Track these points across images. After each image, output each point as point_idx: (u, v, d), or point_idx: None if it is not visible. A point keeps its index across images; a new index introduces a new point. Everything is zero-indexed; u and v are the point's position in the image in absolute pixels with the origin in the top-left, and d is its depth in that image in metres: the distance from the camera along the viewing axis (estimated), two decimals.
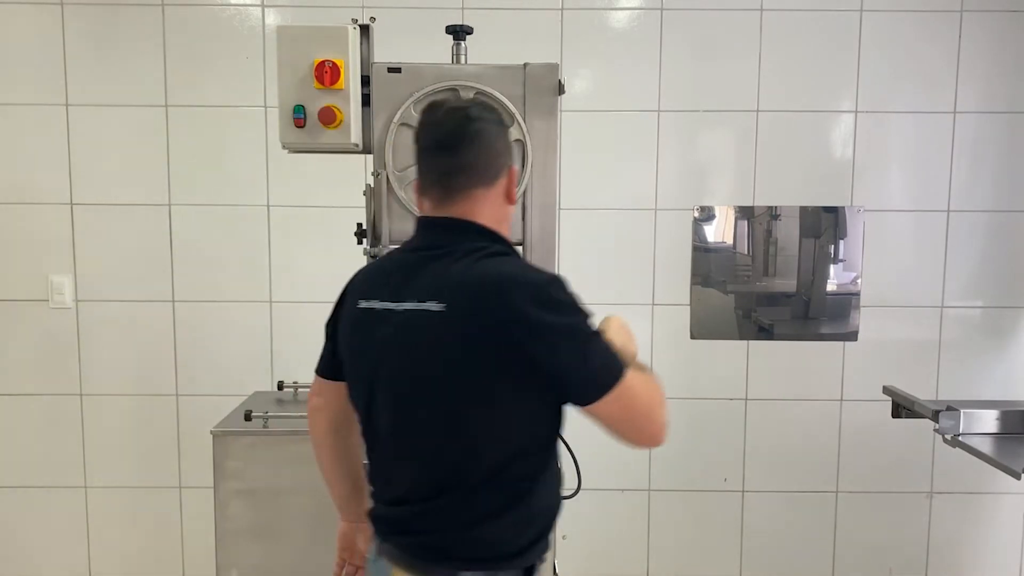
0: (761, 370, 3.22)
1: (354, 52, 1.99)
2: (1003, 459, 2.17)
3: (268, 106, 3.06)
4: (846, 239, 3.20)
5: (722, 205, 3.19)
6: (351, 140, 2.00)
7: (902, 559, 3.33)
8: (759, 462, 3.28)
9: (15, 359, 3.20)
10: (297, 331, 3.18)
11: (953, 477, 3.26)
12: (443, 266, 1.40)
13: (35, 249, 3.15)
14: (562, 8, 3.09)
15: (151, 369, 3.19)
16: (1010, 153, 3.18)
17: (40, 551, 3.27)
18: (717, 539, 3.32)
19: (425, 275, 1.41)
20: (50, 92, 3.08)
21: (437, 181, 1.46)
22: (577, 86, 3.02)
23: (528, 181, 1.99)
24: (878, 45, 3.12)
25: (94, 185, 3.13)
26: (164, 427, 3.21)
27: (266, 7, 3.08)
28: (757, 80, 3.13)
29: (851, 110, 3.15)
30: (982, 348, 3.25)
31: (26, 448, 3.23)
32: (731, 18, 3.11)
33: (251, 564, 2.20)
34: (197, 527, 3.20)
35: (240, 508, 2.19)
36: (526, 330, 1.31)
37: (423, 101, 1.98)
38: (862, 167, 3.17)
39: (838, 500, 3.30)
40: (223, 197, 3.14)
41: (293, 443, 2.18)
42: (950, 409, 2.34)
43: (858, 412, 3.23)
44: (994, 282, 3.22)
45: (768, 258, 3.20)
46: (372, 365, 1.45)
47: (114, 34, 3.08)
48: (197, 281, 3.17)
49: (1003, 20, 3.12)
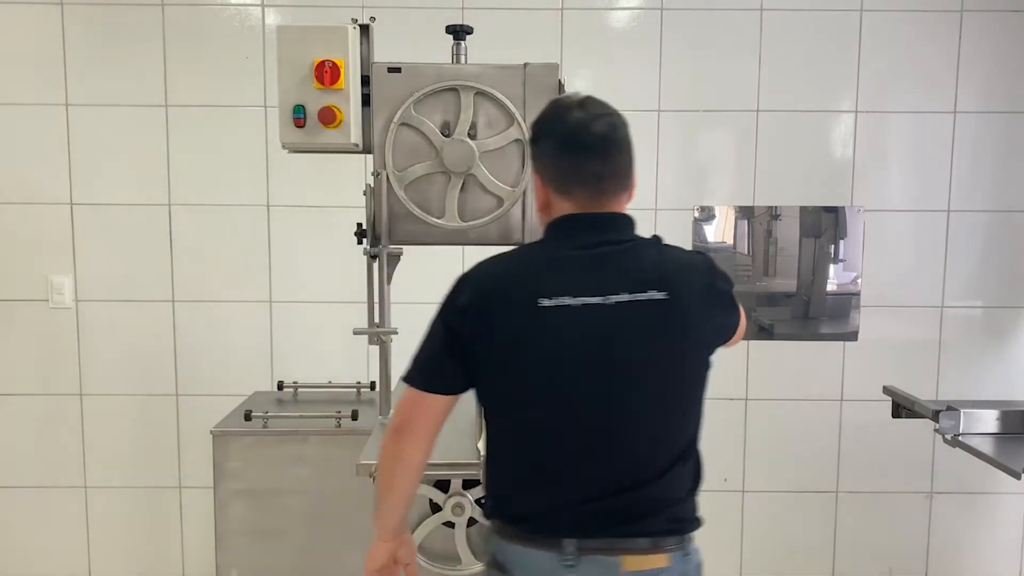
0: (761, 370, 3.22)
1: (354, 52, 1.99)
2: (1003, 459, 2.17)
3: (268, 106, 3.06)
4: (846, 239, 3.20)
5: (722, 205, 3.19)
6: (351, 140, 2.00)
7: (902, 559, 3.33)
8: (759, 462, 3.27)
9: (15, 359, 3.20)
10: (297, 331, 3.18)
11: (953, 477, 3.26)
12: (638, 257, 1.48)
13: (35, 249, 3.15)
14: (562, 8, 3.09)
15: (151, 369, 3.19)
16: (1010, 153, 3.18)
17: (40, 551, 3.27)
18: (717, 539, 3.31)
19: (627, 266, 1.46)
20: (50, 92, 3.08)
21: (585, 182, 1.49)
22: (577, 86, 2.99)
23: (528, 181, 1.99)
24: (878, 45, 3.12)
25: (94, 185, 3.13)
26: (164, 427, 3.21)
27: (266, 7, 3.08)
28: (757, 80, 3.13)
29: (851, 110, 3.15)
30: (982, 348, 3.25)
31: (26, 448, 3.23)
32: (731, 18, 3.11)
33: (251, 564, 2.20)
34: (197, 527, 3.20)
35: (240, 508, 2.19)
36: (722, 304, 1.54)
37: (423, 101, 1.98)
38: (862, 167, 3.17)
39: (838, 500, 3.30)
40: (223, 197, 3.14)
41: (293, 443, 2.18)
42: (950, 409, 2.34)
43: (858, 412, 3.23)
44: (994, 282, 3.22)
45: (768, 258, 3.21)
46: (572, 361, 1.43)
47: (114, 34, 3.08)
48: (197, 281, 3.17)
49: (1003, 20, 3.12)
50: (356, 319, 2.08)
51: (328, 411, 2.20)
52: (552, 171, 1.52)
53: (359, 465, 1.76)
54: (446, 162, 1.98)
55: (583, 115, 1.49)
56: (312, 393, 2.58)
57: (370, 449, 1.87)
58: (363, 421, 2.20)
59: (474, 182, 2.01)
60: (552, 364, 1.43)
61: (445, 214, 2.02)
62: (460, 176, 2.00)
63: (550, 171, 1.52)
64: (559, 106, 1.54)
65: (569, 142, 1.49)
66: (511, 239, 2.04)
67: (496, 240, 2.05)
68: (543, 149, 1.53)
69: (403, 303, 2.26)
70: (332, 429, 2.17)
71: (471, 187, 2.01)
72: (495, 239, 2.05)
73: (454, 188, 2.00)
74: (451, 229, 2.02)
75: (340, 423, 2.18)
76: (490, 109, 1.99)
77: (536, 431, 1.46)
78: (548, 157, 1.52)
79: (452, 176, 2.00)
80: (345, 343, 2.50)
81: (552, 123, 1.52)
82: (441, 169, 2.00)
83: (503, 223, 2.03)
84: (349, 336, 2.07)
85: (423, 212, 2.01)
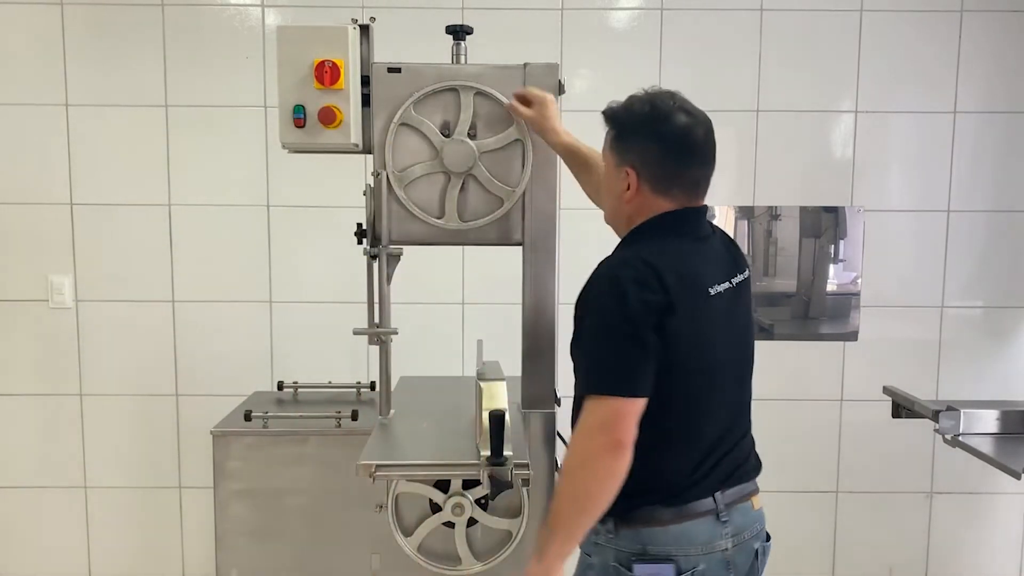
0: (761, 370, 3.20)
1: (354, 52, 1.99)
2: (1003, 459, 2.17)
3: (268, 106, 3.06)
4: (846, 239, 3.20)
5: (722, 205, 3.19)
6: (351, 140, 1.99)
7: (902, 559, 3.33)
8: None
9: (15, 359, 3.20)
10: (297, 331, 3.18)
11: (953, 477, 3.26)
12: (722, 243, 1.71)
13: (35, 249, 3.15)
14: (562, 8, 3.09)
15: (151, 369, 3.19)
16: (1010, 153, 3.18)
17: (40, 551, 3.27)
18: None
19: (723, 252, 1.68)
20: (50, 92, 3.08)
21: (685, 185, 1.61)
22: (577, 86, 3.01)
23: (528, 181, 1.99)
24: (878, 45, 3.12)
25: (94, 185, 3.13)
26: (164, 427, 3.21)
27: (266, 7, 3.08)
28: (757, 80, 3.13)
29: (851, 110, 3.15)
30: (982, 348, 3.25)
31: (26, 448, 3.23)
32: (731, 18, 3.11)
33: (251, 564, 2.20)
34: (197, 527, 3.20)
35: (240, 508, 2.19)
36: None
37: (423, 101, 1.98)
38: (862, 167, 3.17)
39: (838, 500, 3.30)
40: (223, 197, 3.14)
41: (293, 443, 2.17)
42: (950, 409, 2.34)
43: (858, 412, 3.23)
44: (994, 282, 3.22)
45: (768, 258, 3.21)
46: (724, 343, 1.62)
47: (114, 34, 3.08)
48: (197, 281, 3.17)
49: (1003, 20, 3.12)
50: (356, 319, 2.08)
51: (328, 411, 2.20)
52: (654, 172, 1.60)
53: (359, 465, 1.75)
54: (446, 162, 1.98)
55: (688, 120, 1.58)
56: (312, 393, 2.58)
57: (370, 449, 1.87)
58: (363, 421, 2.20)
59: (474, 182, 2.01)
60: (717, 346, 1.59)
61: (445, 214, 2.02)
62: (460, 176, 2.00)
63: (652, 172, 1.60)
64: (660, 106, 1.60)
65: (676, 149, 1.59)
66: (511, 239, 2.04)
67: (496, 240, 2.04)
68: (646, 150, 1.59)
69: (403, 303, 2.26)
70: (332, 429, 2.17)
71: (471, 187, 2.01)
72: (495, 239, 2.04)
73: (454, 188, 2.00)
74: (451, 229, 2.02)
75: (340, 423, 2.17)
76: (490, 109, 1.99)
77: (701, 410, 1.58)
78: (652, 159, 1.59)
79: (452, 176, 2.00)
80: (345, 343, 2.50)
81: (657, 125, 1.58)
82: (441, 169, 1.99)
83: (503, 223, 2.02)
84: (349, 336, 2.07)
85: (423, 212, 2.01)
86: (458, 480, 1.87)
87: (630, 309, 1.46)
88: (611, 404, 1.46)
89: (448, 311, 3.18)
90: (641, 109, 1.60)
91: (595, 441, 1.47)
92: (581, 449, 1.48)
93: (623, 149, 1.62)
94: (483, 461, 1.70)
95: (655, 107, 1.59)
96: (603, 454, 1.46)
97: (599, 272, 1.56)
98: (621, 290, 1.47)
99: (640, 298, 1.46)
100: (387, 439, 1.99)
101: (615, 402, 1.46)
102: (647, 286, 1.47)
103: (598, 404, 1.47)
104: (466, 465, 1.76)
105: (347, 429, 2.17)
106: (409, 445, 1.99)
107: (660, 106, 1.59)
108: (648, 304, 1.47)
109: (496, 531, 1.91)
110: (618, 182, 1.63)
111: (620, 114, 1.64)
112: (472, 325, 3.18)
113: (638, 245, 1.60)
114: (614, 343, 1.48)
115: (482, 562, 1.91)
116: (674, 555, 1.55)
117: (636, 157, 1.60)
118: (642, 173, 1.59)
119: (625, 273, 1.49)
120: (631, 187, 1.60)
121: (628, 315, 1.46)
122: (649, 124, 1.58)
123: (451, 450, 1.86)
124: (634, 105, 1.62)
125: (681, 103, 1.60)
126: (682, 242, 1.59)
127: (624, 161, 1.61)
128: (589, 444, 1.47)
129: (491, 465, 1.69)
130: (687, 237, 1.61)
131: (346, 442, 2.11)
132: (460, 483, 1.87)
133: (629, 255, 1.56)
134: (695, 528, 1.56)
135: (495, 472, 1.68)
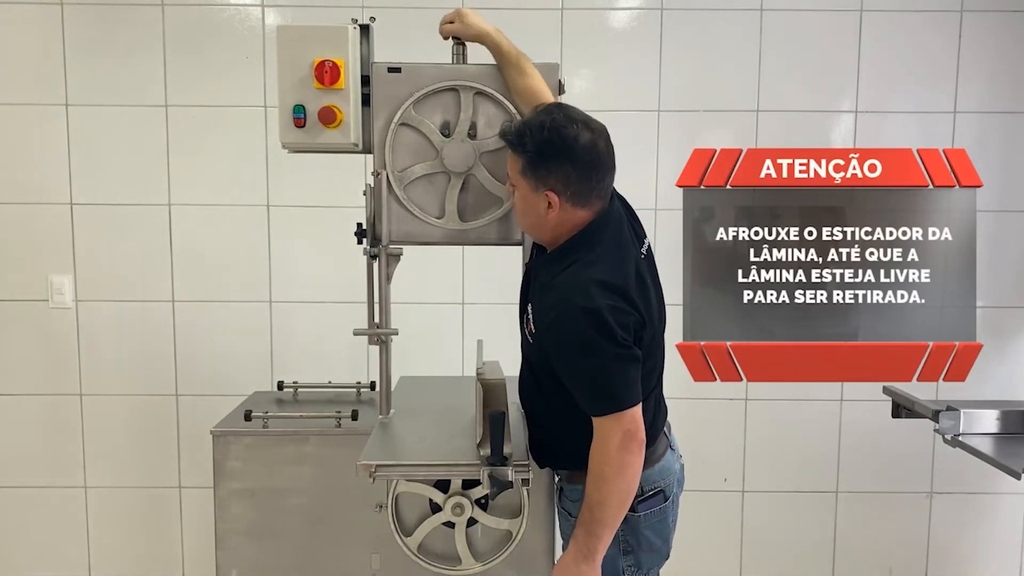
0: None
1: (354, 52, 1.99)
2: (1003, 459, 2.17)
3: (268, 106, 3.06)
4: None
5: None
6: (351, 140, 2.00)
7: (902, 559, 3.33)
8: (759, 462, 3.27)
9: (15, 359, 3.20)
10: (297, 331, 3.18)
11: (953, 477, 3.26)
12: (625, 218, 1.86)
13: (35, 249, 3.15)
14: (562, 8, 3.09)
15: (151, 369, 3.19)
16: (1010, 153, 3.18)
17: (40, 551, 3.27)
18: (717, 539, 3.31)
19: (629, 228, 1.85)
20: (50, 92, 3.08)
21: (604, 191, 1.76)
22: (577, 86, 3.01)
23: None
24: (878, 45, 3.12)
25: (94, 185, 3.13)
26: (164, 427, 3.21)
27: (266, 7, 3.08)
28: (757, 80, 3.13)
29: (851, 110, 3.15)
30: (982, 348, 3.24)
31: (26, 448, 3.23)
32: (731, 18, 3.11)
33: (251, 564, 2.20)
34: (197, 527, 3.20)
35: (240, 508, 2.19)
36: None
37: (423, 101, 1.98)
38: None
39: (838, 500, 3.30)
40: (223, 197, 3.14)
41: (293, 443, 2.17)
42: (950, 409, 2.34)
43: (858, 412, 3.23)
44: (994, 282, 3.21)
45: None
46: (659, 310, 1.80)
47: (114, 34, 3.08)
48: (197, 281, 3.17)
49: (1003, 20, 3.12)
50: (356, 319, 2.09)
51: (328, 411, 2.20)
52: (575, 190, 1.69)
53: (359, 465, 1.76)
54: (446, 162, 1.98)
55: (591, 136, 1.68)
56: (312, 393, 2.57)
57: (370, 449, 1.87)
58: (363, 421, 2.19)
59: (474, 182, 2.01)
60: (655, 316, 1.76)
61: (445, 214, 2.02)
62: (460, 176, 2.00)
63: (572, 190, 1.69)
64: (561, 129, 1.66)
65: (590, 166, 1.69)
66: (511, 239, 2.04)
67: (496, 240, 2.05)
68: (565, 173, 1.68)
69: (403, 303, 2.26)
70: (332, 429, 2.16)
71: (471, 187, 2.01)
72: (495, 239, 2.05)
73: (454, 188, 2.00)
74: (451, 229, 2.02)
75: (340, 423, 2.17)
76: (490, 109, 1.99)
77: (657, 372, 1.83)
78: (571, 179, 1.68)
79: (452, 176, 2.00)
80: (345, 343, 2.50)
81: (568, 150, 1.67)
82: (441, 169, 2.00)
83: (503, 223, 2.03)
84: (349, 336, 2.07)
85: (423, 212, 2.01)
86: (458, 480, 1.87)
87: (616, 336, 1.61)
88: (626, 416, 1.63)
89: (448, 311, 3.18)
90: (550, 137, 1.66)
91: (626, 449, 1.63)
92: (616, 461, 1.63)
93: (541, 175, 1.69)
94: (483, 461, 1.70)
95: (561, 132, 1.66)
96: (634, 458, 1.64)
97: (569, 304, 1.63)
98: (602, 321, 1.60)
99: (621, 323, 1.62)
100: (387, 439, 1.99)
101: (628, 413, 1.63)
102: (621, 310, 1.63)
103: (616, 421, 1.62)
104: (466, 465, 1.76)
105: (347, 429, 2.17)
106: (409, 445, 1.99)
107: (566, 129, 1.66)
108: (627, 327, 1.64)
109: (496, 531, 1.91)
110: (538, 204, 1.72)
111: (528, 142, 1.68)
112: (472, 325, 3.18)
113: (585, 262, 1.69)
114: (613, 366, 1.62)
115: (482, 562, 1.91)
116: (661, 487, 1.83)
117: (556, 181, 1.69)
118: (563, 194, 1.69)
119: (598, 304, 1.60)
120: (553, 207, 1.70)
121: (616, 341, 1.61)
122: (562, 150, 1.66)
123: (451, 450, 1.86)
124: (540, 132, 1.67)
125: (578, 117, 1.69)
126: (619, 248, 1.74)
127: (544, 185, 1.69)
128: (623, 455, 1.63)
129: (491, 465, 1.69)
130: (618, 238, 1.76)
131: (346, 442, 2.11)
132: (460, 483, 1.87)
133: (584, 280, 1.65)
134: (666, 461, 1.85)
135: (495, 472, 1.69)
